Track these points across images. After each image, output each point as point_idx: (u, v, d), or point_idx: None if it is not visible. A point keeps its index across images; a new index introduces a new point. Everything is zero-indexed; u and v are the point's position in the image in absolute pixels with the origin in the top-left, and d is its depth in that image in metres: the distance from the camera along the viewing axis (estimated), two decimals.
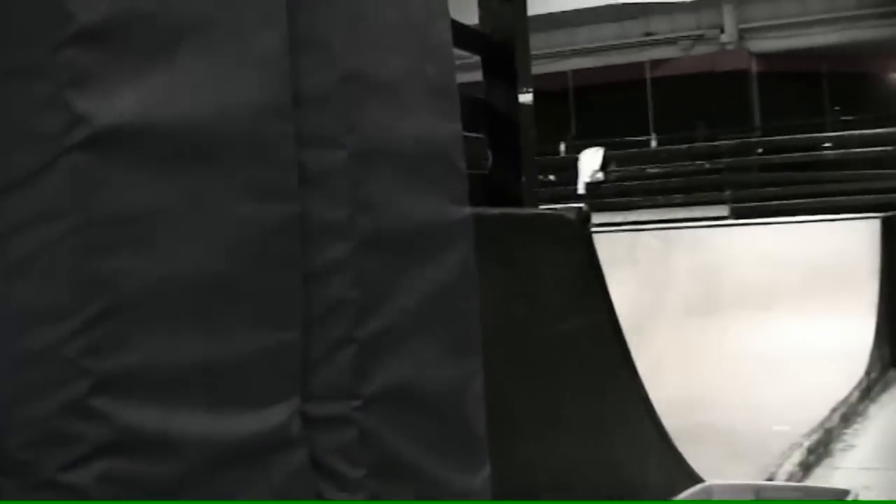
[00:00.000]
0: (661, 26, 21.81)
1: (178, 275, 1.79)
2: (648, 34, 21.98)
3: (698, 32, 21.68)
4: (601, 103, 22.60)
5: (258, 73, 1.99)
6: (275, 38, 2.06)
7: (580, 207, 3.82)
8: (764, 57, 21.09)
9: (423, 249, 2.47)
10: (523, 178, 4.04)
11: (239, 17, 1.96)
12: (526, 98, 4.09)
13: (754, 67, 20.99)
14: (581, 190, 18.87)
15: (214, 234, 1.87)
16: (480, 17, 4.21)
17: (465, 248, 2.66)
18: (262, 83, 2.00)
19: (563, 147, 21.34)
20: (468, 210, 2.70)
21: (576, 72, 23.07)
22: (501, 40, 4.12)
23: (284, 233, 2.06)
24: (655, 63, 21.74)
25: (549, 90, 22.40)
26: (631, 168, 19.54)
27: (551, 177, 19.94)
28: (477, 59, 4.11)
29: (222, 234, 1.89)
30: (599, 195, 18.55)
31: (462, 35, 3.98)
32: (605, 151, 19.21)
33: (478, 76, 4.02)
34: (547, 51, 22.02)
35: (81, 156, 1.65)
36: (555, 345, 3.59)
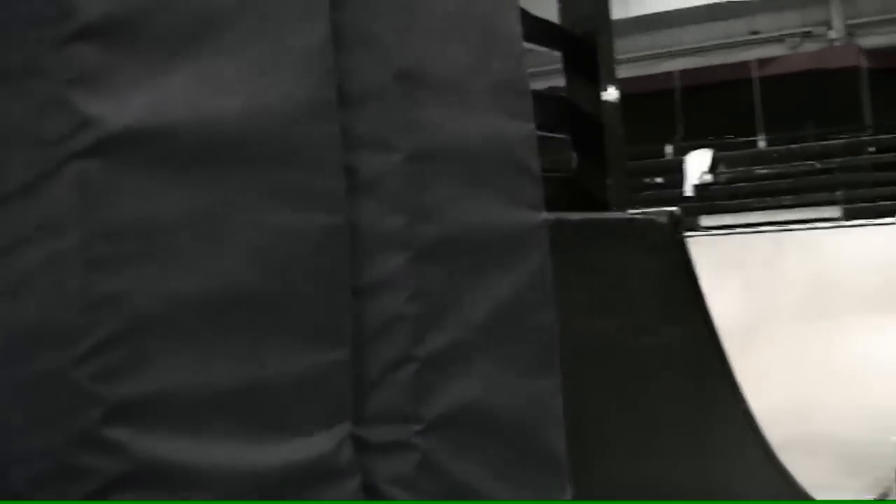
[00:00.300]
0: (767, 24, 21.25)
1: (204, 291, 1.63)
2: (754, 32, 21.44)
3: (805, 29, 21.08)
4: (708, 104, 22.11)
5: (296, 70, 1.82)
6: (316, 31, 1.88)
7: (672, 211, 3.58)
8: (874, 53, 20.41)
9: (490, 259, 2.28)
10: (609, 181, 3.82)
11: (273, 9, 1.80)
12: (610, 95, 3.87)
13: (864, 64, 20.30)
14: (688, 192, 18.48)
15: (246, 247, 1.70)
16: (560, 10, 4.00)
17: (538, 256, 2.45)
18: (300, 81, 1.83)
19: (669, 149, 20.93)
20: (543, 215, 2.50)
21: (682, 72, 22.62)
22: (582, 34, 3.89)
23: (329, 243, 1.88)
24: (762, 62, 21.15)
25: (654, 91, 21.98)
26: (739, 169, 19.05)
27: (658, 179, 19.57)
28: None
29: (255, 245, 1.72)
30: (708, 197, 18.14)
31: (538, 29, 3.79)
32: (713, 153, 18.78)
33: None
34: (652, 52, 21.65)
35: (88, 162, 1.50)
36: (645, 359, 3.37)
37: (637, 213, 3.69)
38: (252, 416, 1.70)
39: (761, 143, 20.64)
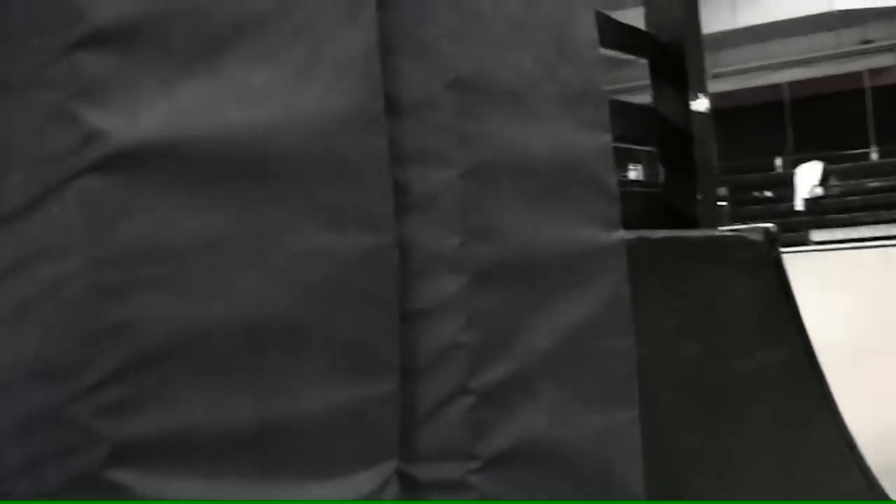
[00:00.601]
0: (878, 33, 20.65)
1: (226, 320, 1.49)
2: (866, 42, 20.86)
3: None
4: (818, 115, 21.60)
5: (336, 78, 1.68)
6: (360, 35, 1.74)
7: (767, 227, 3.36)
8: None
9: (558, 281, 2.11)
10: (699, 196, 3.60)
11: (311, 13, 1.65)
12: (700, 105, 3.65)
13: None
14: (799, 206, 18.06)
15: (276, 271, 1.56)
16: (646, 15, 3.79)
17: (614, 278, 2.27)
18: (341, 89, 1.68)
19: (779, 162, 20.49)
20: (620, 234, 2.32)
21: (791, 83, 22.11)
22: (669, 40, 3.68)
23: (374, 266, 1.73)
24: (874, 72, 20.60)
25: (763, 103, 21.51)
26: (851, 182, 18.55)
27: (767, 193, 19.18)
28: None
29: (287, 269, 1.57)
30: (819, 211, 17.71)
31: (619, 34, 3.60)
32: (823, 165, 18.32)
33: None
34: (761, 62, 21.22)
35: (95, 179, 1.37)
36: (736, 386, 3.15)
37: (729, 230, 3.47)
38: (278, 456, 1.56)
39: (874, 156, 20.08)
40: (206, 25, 1.51)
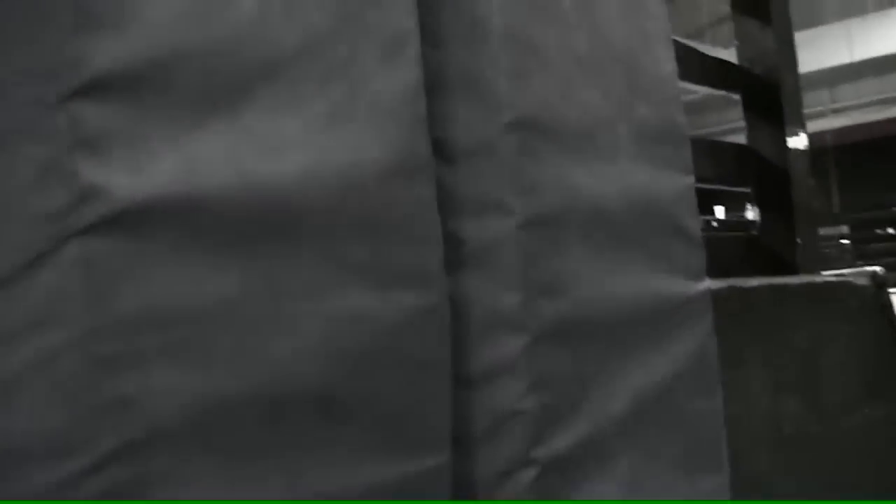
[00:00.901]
0: None
1: (246, 394, 1.34)
2: None
3: None
4: None
5: (375, 123, 1.53)
6: (402, 76, 1.58)
7: (874, 271, 3.12)
8: None
9: (634, 338, 1.93)
10: (799, 239, 3.36)
11: (343, 53, 1.51)
12: (798, 142, 3.42)
13: None
14: None
15: (307, 337, 1.41)
16: (737, 47, 3.57)
17: (699, 332, 2.08)
18: (380, 135, 1.53)
19: None
20: (705, 284, 2.13)
21: None
22: (763, 72, 3.46)
23: (421, 328, 1.57)
24: None
25: (884, 136, 20.87)
26: None
27: (890, 230, 18.62)
28: None
29: (319, 335, 1.42)
30: None
31: (705, 66, 3.39)
32: None
33: None
34: (882, 96, 20.65)
35: (95, 240, 1.23)
36: (842, 445, 2.91)
37: (833, 275, 3.23)
38: None
39: None
40: (225, 70, 1.37)
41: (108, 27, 1.28)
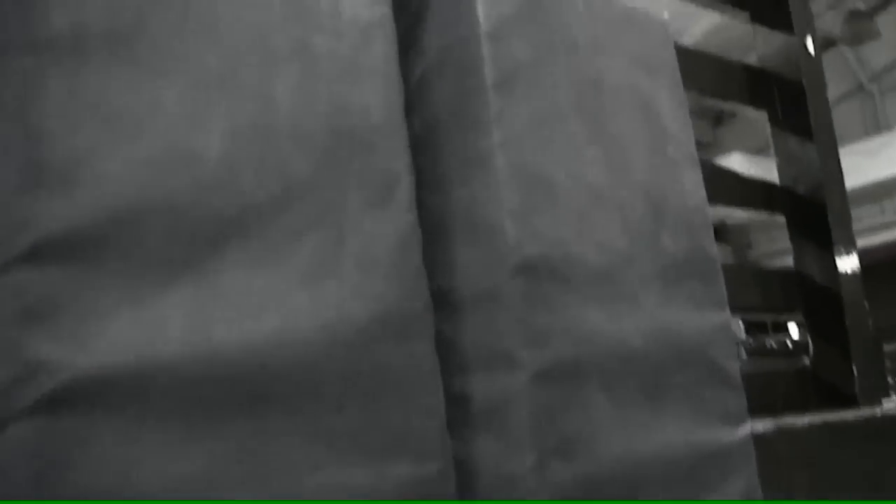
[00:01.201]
0: None
1: None
2: None
3: None
4: None
5: (359, 278, 1.39)
6: (392, 224, 1.45)
7: None
8: None
9: (666, 494, 1.74)
10: (855, 368, 3.14)
11: (326, 202, 1.38)
12: (849, 264, 3.21)
13: None
14: None
15: None
16: (778, 165, 3.38)
17: (742, 483, 1.89)
18: (366, 292, 1.39)
19: None
20: (747, 428, 1.94)
21: None
22: (806, 191, 3.27)
23: (422, 497, 1.40)
24: None
25: None
26: None
27: None
28: None
29: None
30: None
31: (745, 188, 3.22)
32: None
33: None
34: None
35: (41, 419, 1.10)
36: None
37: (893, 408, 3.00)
38: None
39: None
40: (189, 225, 1.25)
41: (56, 184, 1.16)
